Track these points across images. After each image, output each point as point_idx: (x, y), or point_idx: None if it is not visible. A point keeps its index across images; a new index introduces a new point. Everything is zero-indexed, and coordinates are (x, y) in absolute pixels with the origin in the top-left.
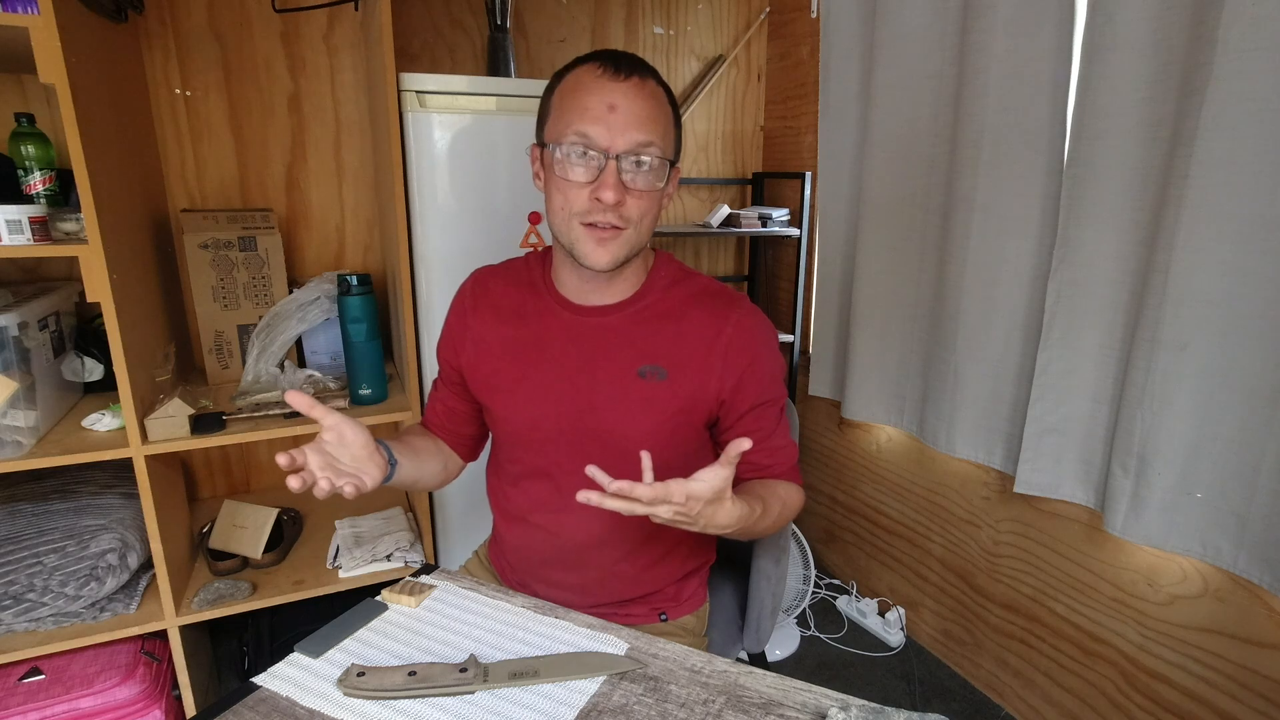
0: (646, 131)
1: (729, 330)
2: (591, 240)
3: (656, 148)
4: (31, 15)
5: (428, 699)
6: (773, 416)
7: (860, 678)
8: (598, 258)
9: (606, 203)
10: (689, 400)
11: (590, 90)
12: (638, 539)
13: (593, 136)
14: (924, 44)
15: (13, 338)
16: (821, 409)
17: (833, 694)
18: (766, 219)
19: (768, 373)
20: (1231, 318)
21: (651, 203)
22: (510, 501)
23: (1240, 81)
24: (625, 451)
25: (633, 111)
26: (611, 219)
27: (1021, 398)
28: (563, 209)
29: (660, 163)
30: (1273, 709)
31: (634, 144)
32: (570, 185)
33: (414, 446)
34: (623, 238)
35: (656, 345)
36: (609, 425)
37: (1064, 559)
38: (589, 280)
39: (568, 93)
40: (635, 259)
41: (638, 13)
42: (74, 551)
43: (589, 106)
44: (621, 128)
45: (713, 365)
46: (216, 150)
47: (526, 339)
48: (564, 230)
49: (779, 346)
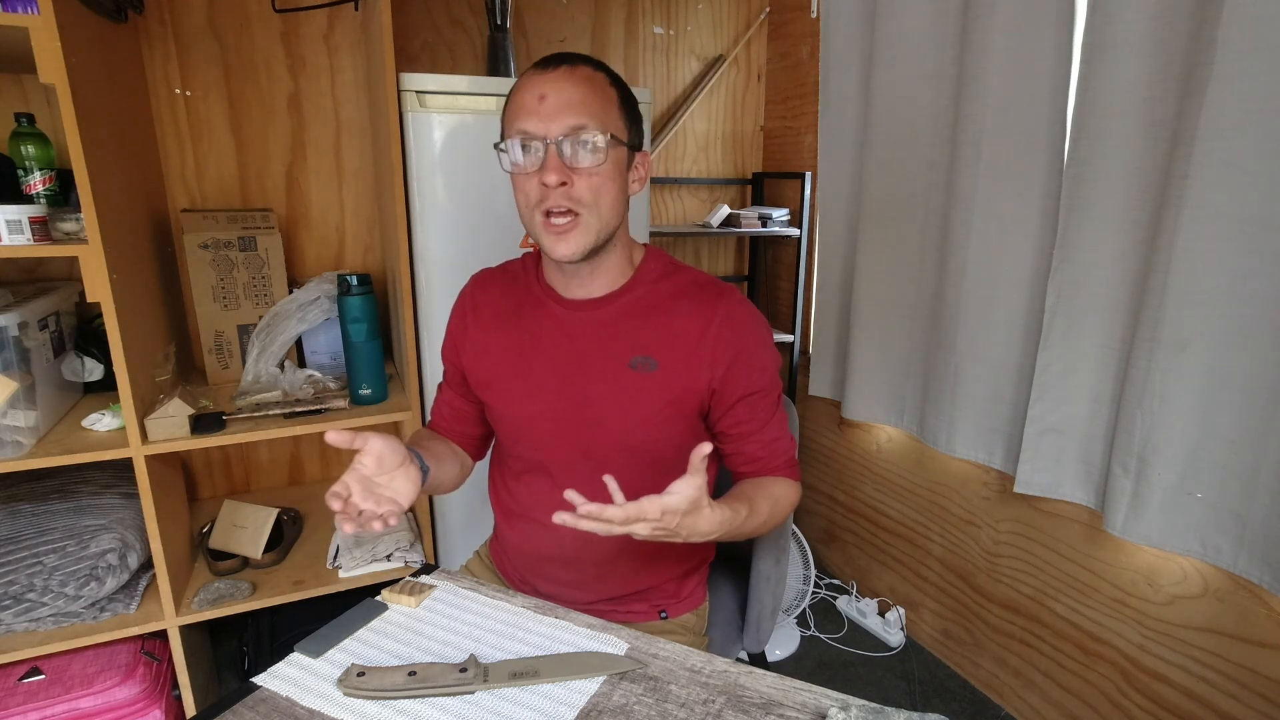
0: (577, 113)
1: (718, 321)
2: (551, 234)
3: (593, 127)
4: (31, 15)
5: (428, 699)
6: (765, 408)
7: (860, 678)
8: (561, 249)
9: (550, 185)
10: (680, 391)
11: (522, 88)
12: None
13: (529, 128)
14: (924, 44)
15: (13, 338)
16: (821, 409)
17: (833, 694)
18: (766, 219)
19: (758, 363)
20: (1231, 318)
21: (603, 181)
22: (511, 498)
23: (1240, 81)
24: (620, 443)
25: (562, 96)
26: (562, 201)
27: (1021, 398)
28: (524, 205)
29: (603, 140)
30: (1273, 709)
31: (567, 127)
32: (523, 179)
33: (434, 451)
34: (581, 225)
35: (647, 337)
36: (603, 417)
37: (1064, 559)
38: (572, 275)
39: (510, 97)
40: (614, 250)
41: (638, 13)
42: (74, 551)
43: (523, 103)
44: (553, 113)
45: (702, 356)
46: (216, 150)
47: (523, 337)
48: (530, 226)
49: (772, 340)
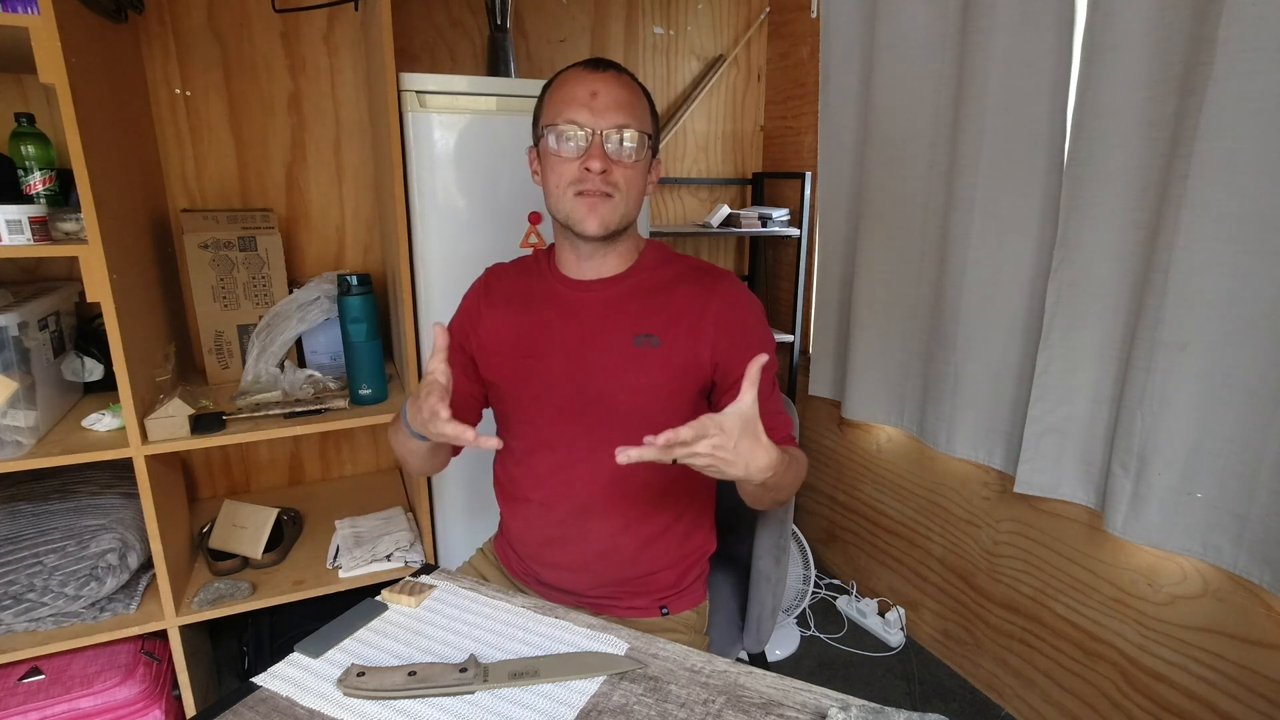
0: (625, 112)
1: (716, 300)
2: (583, 206)
3: (635, 124)
4: (31, 15)
5: (428, 699)
6: (766, 382)
7: (860, 678)
8: (590, 223)
9: (594, 170)
10: (682, 366)
11: (575, 82)
12: (636, 512)
13: (578, 119)
14: (924, 44)
15: (13, 338)
16: (821, 409)
17: (833, 694)
18: (766, 219)
19: (758, 339)
20: (1231, 318)
21: (636, 174)
22: (513, 484)
23: (1240, 81)
24: (623, 417)
25: (612, 95)
26: (600, 185)
27: (1021, 398)
28: (557, 185)
29: (640, 138)
30: (1273, 709)
31: (614, 123)
32: (562, 161)
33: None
34: (612, 204)
35: (649, 315)
36: (609, 392)
37: (1064, 559)
38: (587, 257)
39: (555, 89)
40: (627, 236)
41: (638, 13)
42: (74, 551)
43: (575, 95)
44: (603, 109)
45: (704, 332)
46: (216, 150)
47: (534, 320)
48: (560, 203)
49: (767, 321)
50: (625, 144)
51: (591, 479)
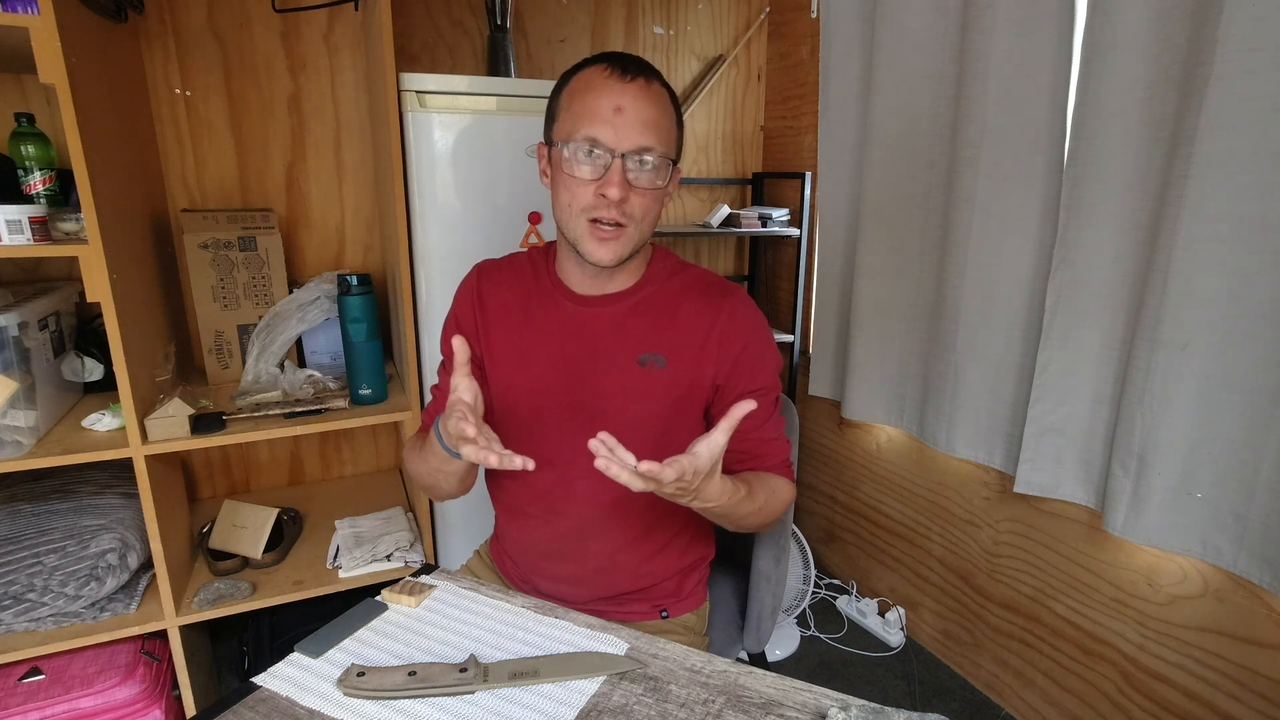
0: (650, 134)
1: (724, 318)
2: (595, 239)
3: (659, 148)
4: (31, 15)
5: (428, 699)
6: (765, 406)
7: (860, 678)
8: (601, 254)
9: (611, 199)
10: (687, 387)
11: (599, 92)
12: (637, 530)
13: (600, 137)
14: (924, 44)
15: (13, 338)
16: (821, 409)
17: (833, 694)
18: (766, 219)
19: (760, 361)
20: (1231, 318)
21: (654, 200)
22: (512, 495)
23: (1240, 81)
24: (624, 439)
25: (638, 114)
26: (615, 215)
27: (1021, 398)
28: (569, 205)
29: (662, 162)
30: (1273, 709)
31: (638, 145)
32: (577, 182)
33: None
34: (625, 235)
35: (655, 334)
36: (611, 412)
37: (1064, 559)
38: (592, 275)
39: (576, 93)
40: (638, 255)
41: (638, 13)
42: (74, 551)
43: (597, 108)
44: (627, 129)
45: (709, 352)
46: (216, 150)
47: (532, 332)
48: (570, 226)
49: (774, 342)
50: (646, 169)
51: (592, 498)
